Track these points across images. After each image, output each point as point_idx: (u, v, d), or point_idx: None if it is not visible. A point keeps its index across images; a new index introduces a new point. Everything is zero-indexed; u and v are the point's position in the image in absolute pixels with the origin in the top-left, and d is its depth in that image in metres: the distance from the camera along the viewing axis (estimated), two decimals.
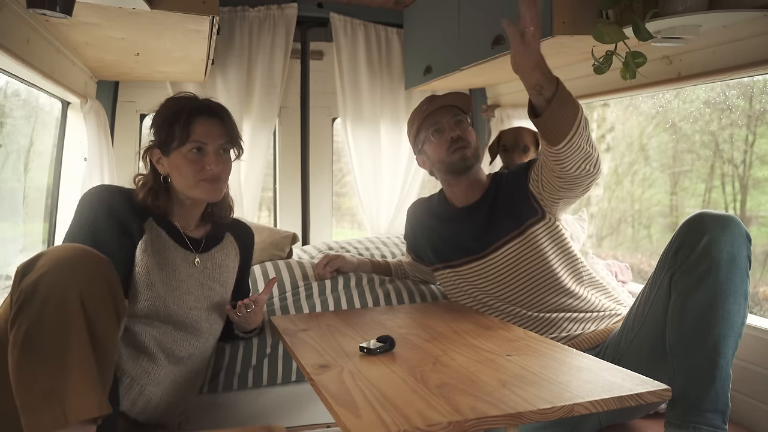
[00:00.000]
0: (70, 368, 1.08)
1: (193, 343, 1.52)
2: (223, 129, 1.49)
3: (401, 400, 1.09)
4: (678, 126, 2.46)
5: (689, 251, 1.41)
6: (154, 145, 1.49)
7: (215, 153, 1.46)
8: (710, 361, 1.34)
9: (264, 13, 2.69)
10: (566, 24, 1.71)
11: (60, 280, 1.11)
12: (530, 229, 1.73)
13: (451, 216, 1.87)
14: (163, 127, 1.46)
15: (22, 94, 2.10)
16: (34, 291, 1.10)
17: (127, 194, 1.49)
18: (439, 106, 1.82)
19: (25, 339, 1.08)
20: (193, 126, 1.44)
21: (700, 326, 1.37)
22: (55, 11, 1.28)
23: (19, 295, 1.11)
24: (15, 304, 1.11)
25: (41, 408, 1.06)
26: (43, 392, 1.06)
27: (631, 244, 2.73)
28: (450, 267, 1.86)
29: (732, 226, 1.40)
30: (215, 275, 1.58)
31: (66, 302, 1.10)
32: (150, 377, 1.44)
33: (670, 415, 1.37)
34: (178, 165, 1.46)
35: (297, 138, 2.90)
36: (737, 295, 1.37)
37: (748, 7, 1.47)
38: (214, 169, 1.45)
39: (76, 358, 1.09)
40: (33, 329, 1.08)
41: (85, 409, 1.07)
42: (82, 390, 1.08)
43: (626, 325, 1.61)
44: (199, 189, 1.47)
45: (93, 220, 1.41)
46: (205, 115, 1.47)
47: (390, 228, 2.97)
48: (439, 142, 1.80)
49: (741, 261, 1.38)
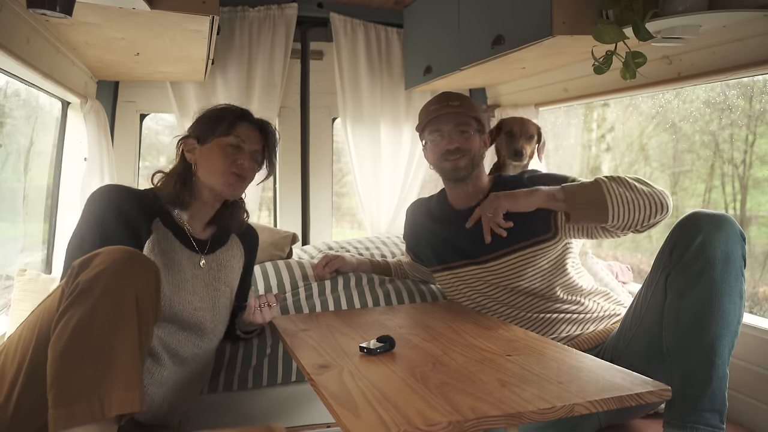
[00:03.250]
0: (118, 363, 1.10)
1: (197, 344, 1.52)
2: (262, 138, 1.59)
3: (401, 400, 1.08)
4: (678, 126, 2.46)
5: (683, 251, 1.42)
6: (191, 135, 1.55)
7: (250, 153, 1.54)
8: (707, 361, 1.34)
9: (264, 13, 2.69)
10: (566, 24, 1.71)
11: (118, 278, 1.14)
12: (537, 246, 1.71)
13: (451, 218, 1.87)
14: (210, 121, 1.54)
15: (22, 94, 2.10)
16: (93, 285, 1.12)
17: (135, 194, 1.50)
18: (446, 113, 1.79)
19: (76, 329, 1.09)
20: (238, 126, 1.54)
21: (695, 326, 1.37)
22: (55, 11, 1.29)
23: (74, 288, 1.12)
24: (68, 296, 1.12)
25: (78, 400, 1.06)
26: (84, 384, 1.07)
27: (631, 244, 2.73)
28: (449, 269, 1.86)
29: (726, 226, 1.40)
30: (220, 276, 1.58)
31: (122, 300, 1.13)
32: (153, 378, 1.43)
33: (668, 415, 1.37)
34: (212, 153, 1.51)
35: (297, 138, 2.90)
36: (732, 294, 1.37)
37: (748, 7, 1.47)
38: (246, 163, 1.52)
39: (125, 353, 1.11)
40: (86, 320, 1.09)
41: (127, 403, 1.09)
42: (126, 384, 1.10)
43: (624, 326, 1.61)
44: (224, 179, 1.51)
45: (101, 219, 1.41)
46: (251, 123, 1.58)
47: (390, 228, 2.97)
48: (436, 147, 1.80)
49: (735, 260, 1.38)
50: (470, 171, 1.79)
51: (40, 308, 1.23)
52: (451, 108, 1.78)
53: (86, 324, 1.10)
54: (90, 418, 1.06)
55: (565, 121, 3.02)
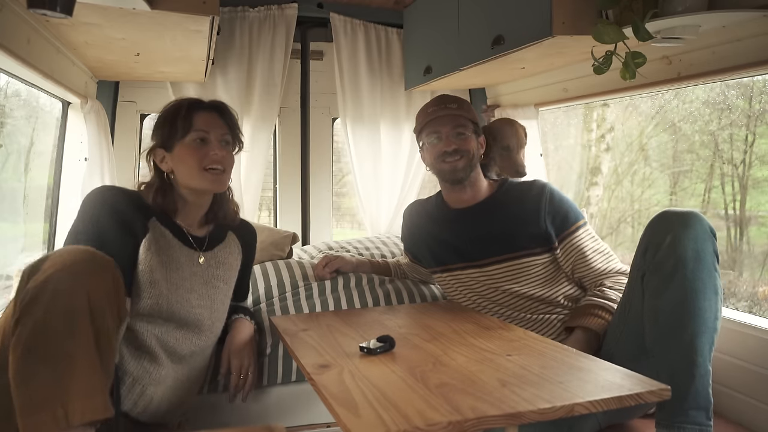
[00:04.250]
0: (74, 369, 1.08)
1: (195, 341, 1.52)
2: (223, 121, 1.53)
3: (401, 399, 1.09)
4: (678, 126, 2.47)
5: (656, 250, 1.42)
6: (156, 145, 1.52)
7: (218, 141, 1.50)
8: (687, 359, 1.34)
9: (264, 13, 2.69)
10: (566, 24, 1.71)
11: (67, 281, 1.11)
12: (530, 257, 1.75)
13: (449, 217, 1.87)
14: (165, 124, 1.50)
15: (22, 94, 2.10)
16: (41, 291, 1.09)
17: (130, 194, 1.50)
18: (444, 115, 1.79)
19: (30, 338, 1.07)
20: (194, 118, 1.49)
21: (673, 325, 1.37)
22: (55, 11, 1.28)
23: (24, 296, 1.10)
24: (20, 304, 1.10)
25: (42, 409, 1.04)
26: (45, 393, 1.05)
27: (630, 243, 2.73)
28: (448, 271, 1.86)
29: (694, 223, 1.40)
30: (219, 273, 1.58)
31: (73, 303, 1.10)
32: (151, 377, 1.44)
33: (659, 415, 1.37)
34: (182, 156, 1.48)
35: (297, 138, 2.90)
36: (707, 291, 1.37)
37: (748, 7, 1.47)
38: (219, 153, 1.49)
39: (81, 359, 1.09)
40: (39, 328, 1.07)
41: (89, 411, 1.07)
42: (86, 391, 1.07)
43: (612, 326, 1.61)
44: (203, 178, 1.49)
45: (96, 220, 1.41)
46: (204, 109, 1.53)
47: (390, 228, 2.97)
48: (434, 149, 1.80)
49: (707, 256, 1.38)
50: (468, 172, 1.80)
51: (4, 314, 1.20)
52: (449, 110, 1.79)
53: (40, 332, 1.07)
54: (55, 427, 1.04)
55: (565, 121, 3.02)
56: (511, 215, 1.79)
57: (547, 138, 2.92)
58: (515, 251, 1.75)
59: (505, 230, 1.78)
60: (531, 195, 1.80)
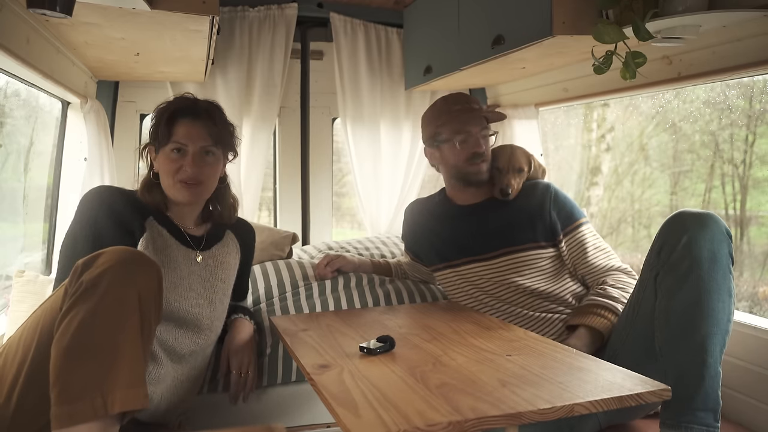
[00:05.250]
0: (120, 360, 1.10)
1: (194, 340, 1.52)
2: (206, 131, 1.49)
3: (401, 400, 1.09)
4: (678, 126, 2.47)
5: (671, 250, 1.42)
6: (149, 143, 1.54)
7: (195, 155, 1.47)
8: (698, 360, 1.34)
9: (264, 13, 2.69)
10: (566, 24, 1.71)
11: (121, 277, 1.14)
12: (535, 250, 1.76)
13: (453, 213, 1.87)
14: (152, 127, 1.51)
15: (22, 94, 2.10)
16: (96, 285, 1.12)
17: (127, 194, 1.51)
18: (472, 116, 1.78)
19: (79, 327, 1.09)
20: (174, 127, 1.47)
21: (685, 325, 1.37)
22: (55, 11, 1.28)
23: (78, 287, 1.12)
24: (72, 295, 1.12)
25: (80, 398, 1.06)
26: (85, 382, 1.07)
27: (631, 243, 2.73)
28: (451, 267, 1.86)
29: (711, 224, 1.40)
30: (217, 272, 1.58)
31: (125, 298, 1.13)
32: (151, 376, 1.43)
33: (663, 415, 1.37)
34: (161, 163, 1.50)
35: (297, 138, 2.90)
36: (721, 293, 1.37)
37: (748, 7, 1.47)
38: (188, 171, 1.46)
39: (128, 350, 1.11)
40: (89, 319, 1.10)
41: (131, 400, 1.09)
42: (129, 381, 1.10)
43: (619, 326, 1.61)
44: (175, 190, 1.49)
45: (94, 220, 1.42)
46: (188, 117, 1.48)
47: (390, 228, 2.97)
48: (462, 150, 1.79)
49: (722, 258, 1.38)
50: (488, 175, 1.82)
51: (41, 309, 1.23)
52: (475, 111, 1.79)
53: (90, 322, 1.10)
54: (92, 416, 1.05)
55: (565, 121, 3.02)
56: (517, 210, 1.80)
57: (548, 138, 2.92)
58: (521, 243, 1.76)
59: (511, 223, 1.78)
60: (536, 192, 1.83)
